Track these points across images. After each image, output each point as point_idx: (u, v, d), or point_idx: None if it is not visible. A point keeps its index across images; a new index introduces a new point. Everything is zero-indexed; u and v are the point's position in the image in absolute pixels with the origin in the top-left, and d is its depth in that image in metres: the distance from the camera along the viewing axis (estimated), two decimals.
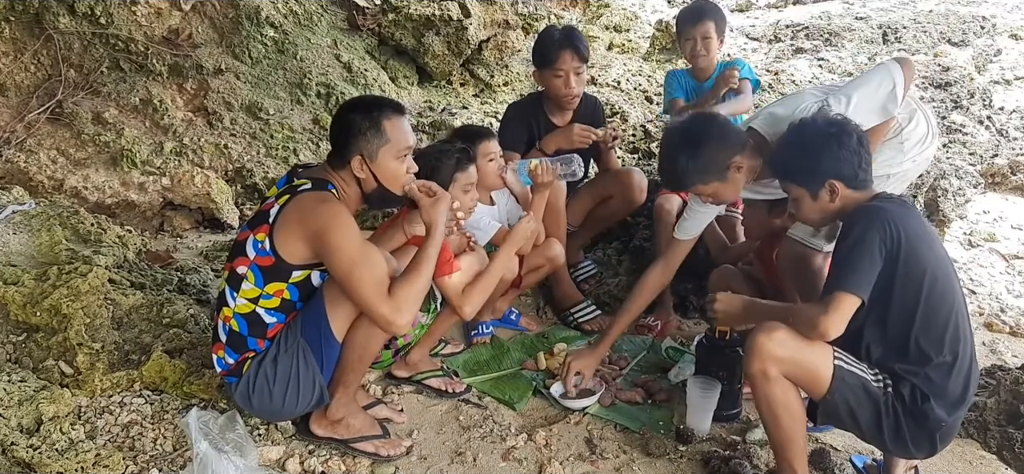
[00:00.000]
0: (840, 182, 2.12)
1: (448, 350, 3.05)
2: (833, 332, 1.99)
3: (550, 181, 2.90)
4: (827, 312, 1.98)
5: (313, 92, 4.72)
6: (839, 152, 2.11)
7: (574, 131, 3.28)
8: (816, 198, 2.16)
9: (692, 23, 3.49)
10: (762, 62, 6.27)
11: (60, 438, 2.27)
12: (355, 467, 2.35)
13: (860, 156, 2.12)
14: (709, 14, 3.49)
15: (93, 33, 4.23)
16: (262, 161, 4.32)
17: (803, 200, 2.20)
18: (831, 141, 2.12)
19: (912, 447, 2.08)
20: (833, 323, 1.98)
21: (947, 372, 2.03)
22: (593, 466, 2.41)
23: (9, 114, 4.07)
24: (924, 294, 2.01)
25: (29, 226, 3.36)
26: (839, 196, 2.13)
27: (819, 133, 2.15)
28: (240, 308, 2.23)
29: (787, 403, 2.08)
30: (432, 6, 5.27)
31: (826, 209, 2.17)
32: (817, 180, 2.14)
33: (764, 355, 2.04)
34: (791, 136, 2.25)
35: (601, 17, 6.86)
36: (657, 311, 3.37)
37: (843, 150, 2.11)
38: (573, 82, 3.25)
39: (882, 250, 2.00)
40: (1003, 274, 4.01)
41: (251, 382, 2.23)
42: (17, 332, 2.76)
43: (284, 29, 4.83)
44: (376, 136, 2.22)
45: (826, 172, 2.12)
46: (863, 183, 2.15)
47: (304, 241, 2.15)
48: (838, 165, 2.11)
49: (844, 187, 2.12)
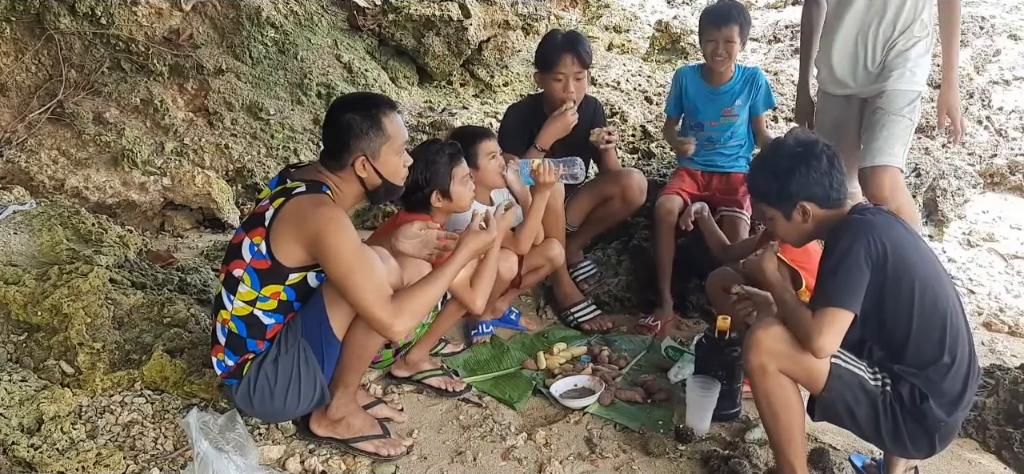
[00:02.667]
0: (811, 203, 2.12)
1: (448, 350, 3.06)
2: (828, 350, 2.00)
3: (552, 181, 2.91)
4: (821, 331, 1.98)
5: (313, 92, 4.73)
6: (808, 174, 2.10)
7: (567, 116, 3.26)
8: (789, 219, 2.17)
9: (717, 25, 3.35)
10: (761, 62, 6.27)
11: (61, 438, 2.28)
12: (355, 466, 2.36)
13: (831, 176, 2.12)
14: (735, 17, 3.35)
15: (94, 33, 4.24)
16: (263, 161, 4.33)
17: (777, 221, 2.21)
18: (799, 162, 2.12)
19: (911, 447, 2.09)
20: (827, 340, 1.99)
21: (945, 372, 2.03)
22: (593, 465, 2.42)
23: (10, 114, 4.08)
24: (916, 299, 2.02)
25: (30, 226, 3.37)
26: (811, 217, 2.14)
27: (788, 155, 2.16)
28: (238, 310, 2.24)
29: (785, 399, 2.08)
30: (432, 6, 5.28)
31: (800, 229, 2.19)
32: (789, 202, 2.15)
33: (762, 350, 2.05)
34: (763, 158, 2.28)
35: (601, 17, 6.86)
36: (657, 311, 3.39)
37: (812, 172, 2.10)
38: (572, 86, 3.25)
39: (868, 261, 2.00)
40: (1002, 274, 4.01)
41: (252, 384, 2.23)
42: (18, 332, 2.77)
43: (285, 29, 4.84)
44: (378, 135, 2.23)
45: (796, 194, 2.12)
46: (836, 202, 2.15)
47: (300, 244, 2.15)
48: (809, 187, 2.11)
49: (816, 208, 2.13)
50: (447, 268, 2.28)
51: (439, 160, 2.64)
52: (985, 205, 4.71)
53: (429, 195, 2.65)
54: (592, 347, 3.11)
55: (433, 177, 2.63)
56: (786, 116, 5.43)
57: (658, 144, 4.81)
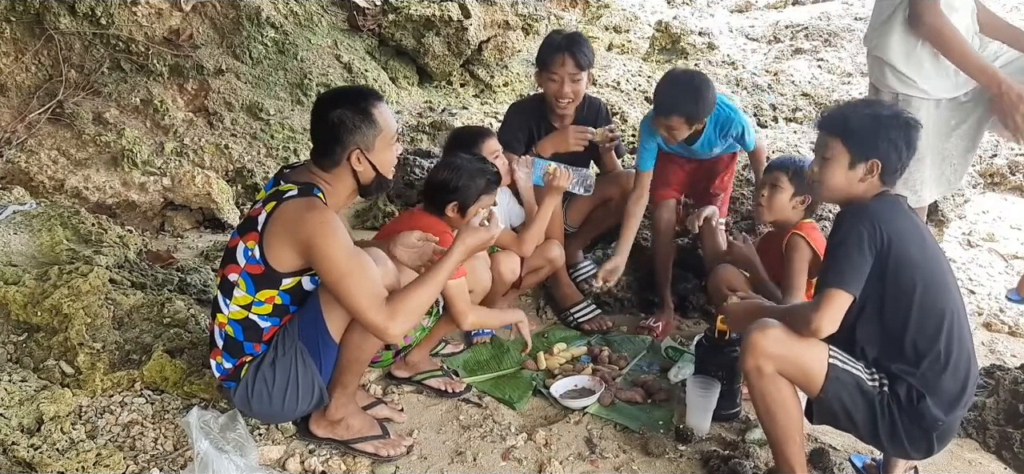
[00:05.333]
0: (881, 168, 2.10)
1: (448, 350, 3.06)
2: (826, 329, 1.99)
3: (564, 187, 2.93)
4: (819, 309, 1.99)
5: (313, 92, 4.72)
6: (900, 142, 2.09)
7: (570, 132, 3.28)
8: (852, 167, 2.12)
9: (664, 114, 2.97)
10: (761, 63, 6.27)
11: (61, 438, 2.28)
12: (355, 467, 2.35)
13: (907, 157, 2.12)
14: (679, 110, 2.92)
15: (94, 33, 4.24)
16: (263, 161, 4.32)
17: (837, 163, 2.13)
18: (900, 128, 2.10)
19: (909, 447, 2.08)
20: (825, 320, 1.98)
21: (942, 371, 2.02)
22: (593, 466, 2.42)
23: (10, 114, 4.07)
24: (916, 293, 2.01)
25: (30, 226, 3.37)
26: (870, 180, 2.11)
27: (896, 115, 2.16)
28: (234, 314, 2.24)
29: (783, 400, 2.08)
30: (432, 7, 5.28)
31: (851, 184, 2.13)
32: (866, 152, 2.10)
33: (758, 351, 2.05)
34: (868, 101, 2.26)
35: (601, 18, 6.86)
36: (657, 312, 3.39)
37: (903, 143, 2.09)
38: (567, 87, 3.24)
39: (871, 248, 2.00)
40: (1002, 274, 4.01)
41: (250, 386, 2.23)
42: (18, 332, 2.77)
43: (284, 30, 4.84)
44: (370, 127, 2.21)
45: (878, 150, 2.09)
46: (892, 182, 2.15)
47: (293, 249, 2.14)
48: (892, 152, 2.09)
49: (879, 174, 2.11)
50: (442, 267, 2.26)
51: (477, 181, 2.65)
52: (985, 205, 4.71)
53: (449, 202, 2.65)
54: (592, 347, 3.11)
55: (463, 191, 2.63)
56: (787, 116, 5.44)
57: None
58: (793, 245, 2.72)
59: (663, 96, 2.97)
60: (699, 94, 2.91)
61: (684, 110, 2.91)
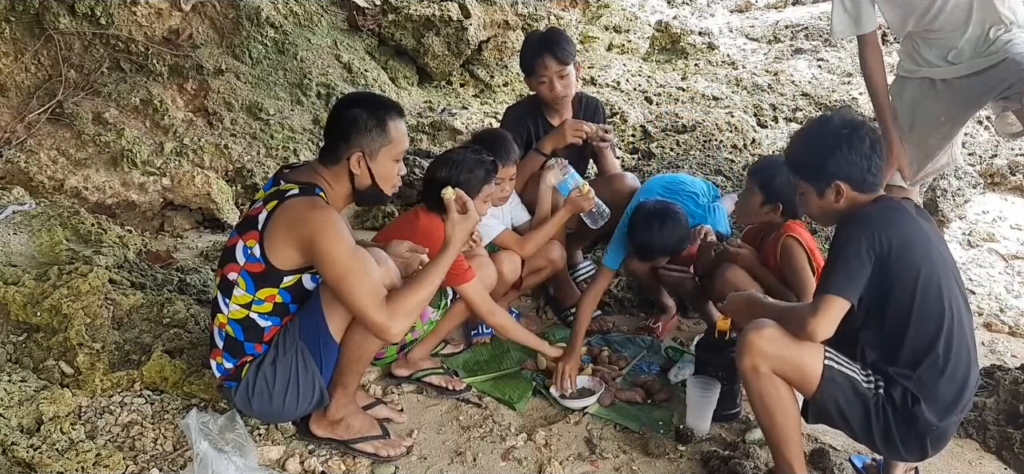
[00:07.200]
0: (846, 184, 2.11)
1: (448, 350, 3.06)
2: (821, 334, 2.00)
3: (585, 209, 2.97)
4: (816, 314, 1.99)
5: (313, 92, 4.73)
6: (849, 154, 2.08)
7: (566, 127, 3.28)
8: (822, 196, 2.15)
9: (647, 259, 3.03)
10: (761, 62, 6.27)
11: (60, 438, 2.28)
12: (355, 467, 2.35)
13: (871, 160, 2.10)
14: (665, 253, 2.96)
15: (93, 33, 4.24)
16: (262, 161, 4.32)
17: (809, 197, 2.19)
18: (842, 142, 2.10)
19: (903, 449, 2.08)
20: (821, 325, 1.99)
21: (939, 375, 2.01)
22: (593, 466, 2.42)
23: (9, 114, 4.07)
24: (918, 297, 2.01)
25: (29, 226, 3.37)
26: (844, 197, 2.12)
27: (832, 132, 2.13)
28: (234, 314, 2.23)
29: (780, 400, 2.08)
30: (432, 7, 5.28)
31: (830, 208, 2.16)
32: (824, 179, 2.13)
33: (754, 351, 2.05)
34: (806, 131, 2.24)
35: (601, 17, 6.87)
36: (658, 314, 3.39)
37: (853, 153, 2.08)
38: (557, 86, 3.24)
39: (871, 254, 2.00)
40: (1002, 274, 4.01)
41: (250, 386, 2.23)
42: (17, 332, 2.77)
43: (284, 29, 4.84)
44: (380, 135, 2.22)
45: (834, 173, 2.10)
46: (871, 186, 2.13)
47: (295, 248, 2.14)
48: (846, 167, 2.09)
49: (850, 189, 2.11)
50: (439, 263, 2.26)
51: (476, 172, 2.65)
52: (985, 205, 4.72)
53: None
54: (592, 347, 3.11)
55: (464, 186, 2.61)
56: (787, 116, 5.44)
57: (658, 144, 4.81)
58: (788, 248, 2.76)
59: (642, 240, 2.85)
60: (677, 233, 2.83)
61: (669, 252, 2.95)
